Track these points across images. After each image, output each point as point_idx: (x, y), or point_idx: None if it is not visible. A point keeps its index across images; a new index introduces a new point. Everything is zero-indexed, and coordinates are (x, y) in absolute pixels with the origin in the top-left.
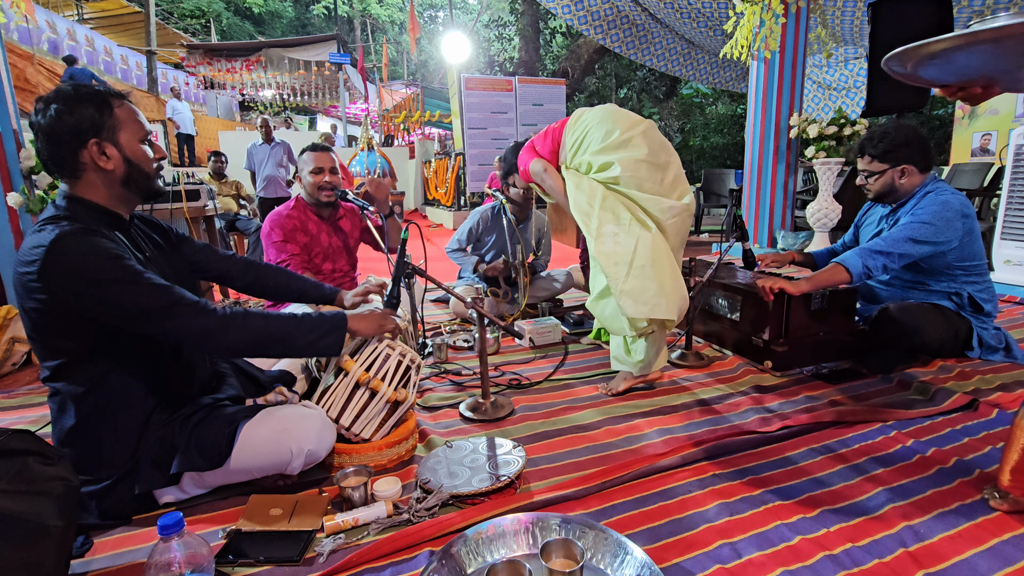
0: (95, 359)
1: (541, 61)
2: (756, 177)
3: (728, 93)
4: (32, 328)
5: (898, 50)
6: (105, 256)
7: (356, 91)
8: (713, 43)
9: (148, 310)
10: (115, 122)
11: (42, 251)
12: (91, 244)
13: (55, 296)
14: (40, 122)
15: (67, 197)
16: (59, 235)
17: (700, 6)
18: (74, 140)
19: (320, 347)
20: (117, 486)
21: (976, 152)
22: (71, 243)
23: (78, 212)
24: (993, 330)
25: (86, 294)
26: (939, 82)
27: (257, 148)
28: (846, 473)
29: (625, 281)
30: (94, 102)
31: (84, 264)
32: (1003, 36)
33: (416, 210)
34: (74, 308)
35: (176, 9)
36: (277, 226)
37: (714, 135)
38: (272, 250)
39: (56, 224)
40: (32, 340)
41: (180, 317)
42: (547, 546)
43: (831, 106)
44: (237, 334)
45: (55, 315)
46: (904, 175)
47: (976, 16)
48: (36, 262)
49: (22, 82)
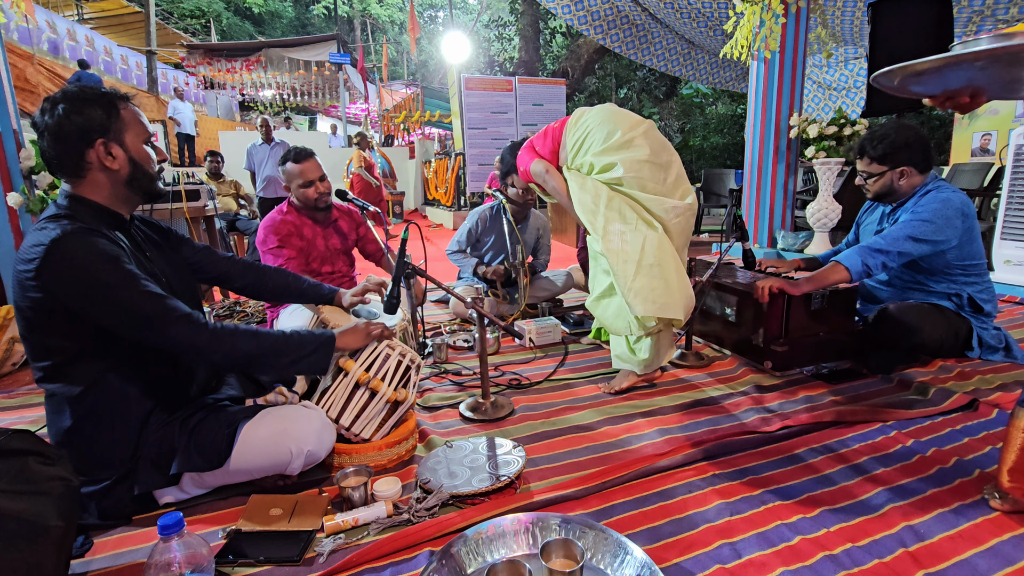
0: (91, 359)
1: (541, 61)
2: (756, 177)
3: (728, 93)
4: (26, 327)
5: (885, 69)
6: (103, 258)
7: (356, 91)
8: (713, 43)
9: (139, 317)
10: (121, 123)
11: (42, 249)
12: (90, 245)
13: (51, 294)
14: (47, 121)
15: (69, 196)
16: (60, 234)
17: (700, 6)
18: (81, 140)
19: (306, 365)
20: (116, 486)
21: (976, 152)
22: (71, 242)
23: (80, 211)
24: (993, 330)
25: (81, 294)
26: (927, 94)
27: (257, 148)
28: (846, 473)
29: (634, 279)
30: (101, 103)
31: (82, 264)
32: (984, 57)
33: (416, 210)
34: (68, 307)
35: (176, 9)
36: (271, 232)
37: (714, 135)
38: (268, 257)
39: (57, 223)
40: (25, 339)
41: (170, 329)
42: (547, 546)
43: (831, 106)
44: (226, 351)
45: (49, 314)
46: (903, 177)
47: (976, 16)
48: (35, 260)
49: (22, 82)
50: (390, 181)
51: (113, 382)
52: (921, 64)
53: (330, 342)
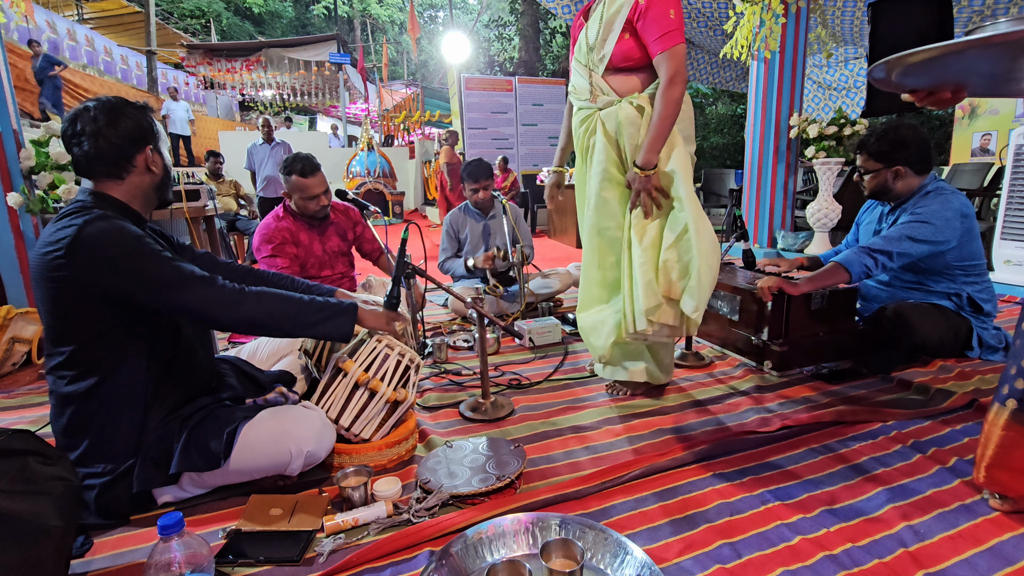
0: (109, 344)
1: (541, 61)
2: (756, 177)
3: (728, 93)
4: (49, 314)
5: (882, 60)
6: (130, 235)
7: (356, 91)
8: (713, 43)
9: (168, 281)
10: (157, 132)
11: (73, 230)
12: (117, 225)
13: (77, 274)
14: (98, 121)
15: (93, 193)
16: (88, 219)
17: (700, 6)
18: (133, 143)
19: (328, 328)
20: (116, 483)
21: (976, 152)
22: (99, 224)
23: (105, 206)
24: (993, 330)
25: (110, 269)
26: (916, 87)
27: (257, 148)
28: (846, 473)
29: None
30: (145, 112)
31: (110, 239)
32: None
33: (416, 210)
34: (96, 283)
35: (176, 9)
36: (266, 240)
37: (714, 135)
38: (262, 265)
39: (87, 213)
40: (48, 329)
41: (196, 289)
42: (547, 546)
43: (831, 106)
44: (253, 306)
45: (74, 295)
46: (898, 176)
47: (976, 16)
48: (64, 241)
49: (22, 82)
50: (390, 181)
51: (125, 373)
52: (918, 54)
53: (353, 312)
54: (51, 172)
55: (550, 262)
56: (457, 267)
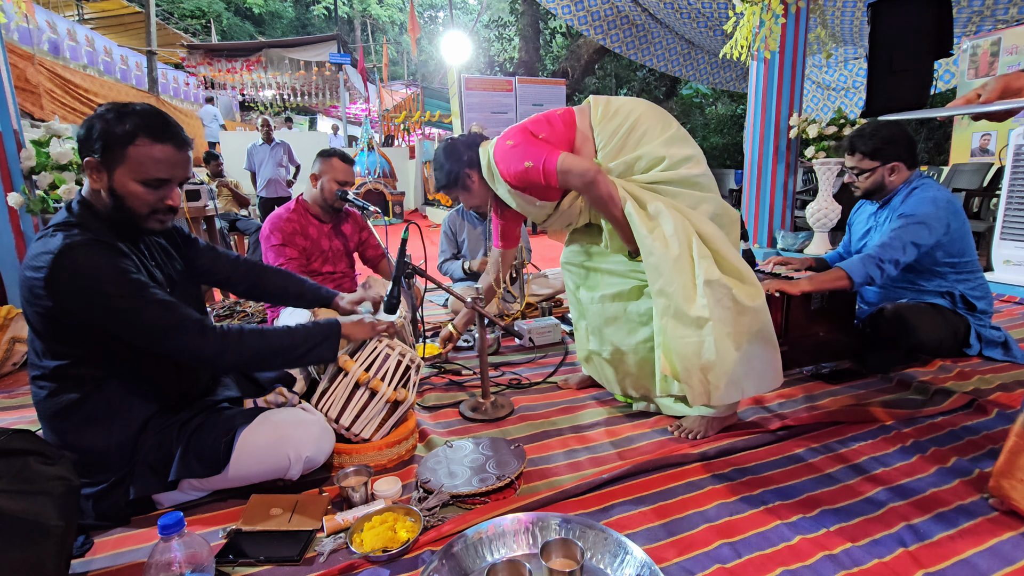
0: (95, 363)
1: (541, 61)
2: (756, 177)
3: (728, 93)
4: (35, 332)
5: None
6: (112, 270)
7: (356, 91)
8: (713, 43)
9: (150, 328)
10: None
11: (50, 258)
12: (97, 258)
13: (61, 304)
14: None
15: (81, 203)
16: (66, 245)
17: (700, 6)
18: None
19: (316, 355)
20: (113, 490)
21: (976, 152)
22: (78, 255)
23: (89, 219)
24: (992, 327)
25: (91, 305)
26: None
27: (257, 148)
28: (846, 473)
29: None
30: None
31: (91, 276)
32: None
33: (416, 210)
34: (79, 317)
35: (176, 9)
36: (276, 229)
37: (714, 135)
38: (271, 253)
39: (66, 231)
40: (31, 341)
41: (181, 338)
42: (547, 546)
43: (831, 106)
44: (236, 354)
45: (59, 321)
46: (894, 172)
47: (976, 16)
48: (44, 269)
49: (22, 82)
50: (390, 181)
51: (114, 386)
52: None
53: (336, 332)
54: (51, 172)
55: (550, 262)
56: (455, 270)
